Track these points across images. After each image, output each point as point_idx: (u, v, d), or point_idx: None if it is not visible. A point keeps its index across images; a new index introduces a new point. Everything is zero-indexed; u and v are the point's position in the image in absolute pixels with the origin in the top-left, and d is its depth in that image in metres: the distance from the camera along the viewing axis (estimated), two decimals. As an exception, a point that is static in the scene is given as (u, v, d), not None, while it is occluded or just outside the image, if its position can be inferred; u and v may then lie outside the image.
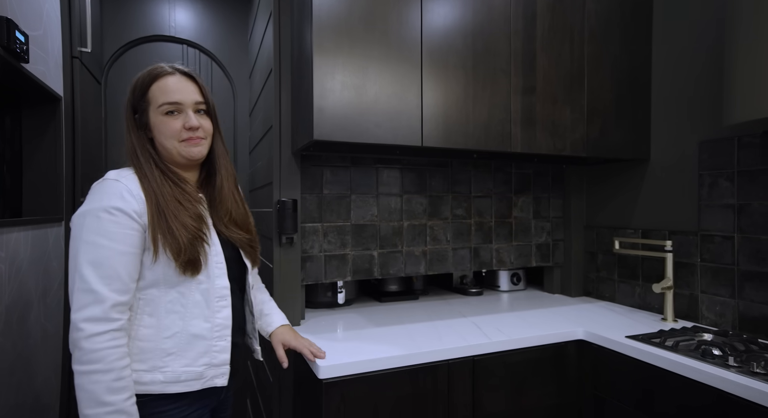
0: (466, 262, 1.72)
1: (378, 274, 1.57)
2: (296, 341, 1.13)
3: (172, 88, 0.89)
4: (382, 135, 1.25)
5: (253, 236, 1.03)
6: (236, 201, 1.00)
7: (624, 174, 1.71)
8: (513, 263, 1.80)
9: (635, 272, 1.65)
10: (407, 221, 1.62)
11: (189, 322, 0.88)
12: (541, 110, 1.45)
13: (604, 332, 1.34)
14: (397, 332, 1.35)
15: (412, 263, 1.63)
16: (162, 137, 0.89)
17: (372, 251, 1.57)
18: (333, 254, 1.52)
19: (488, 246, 1.76)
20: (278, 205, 1.39)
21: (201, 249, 0.87)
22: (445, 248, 1.68)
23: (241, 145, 2.20)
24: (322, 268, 1.50)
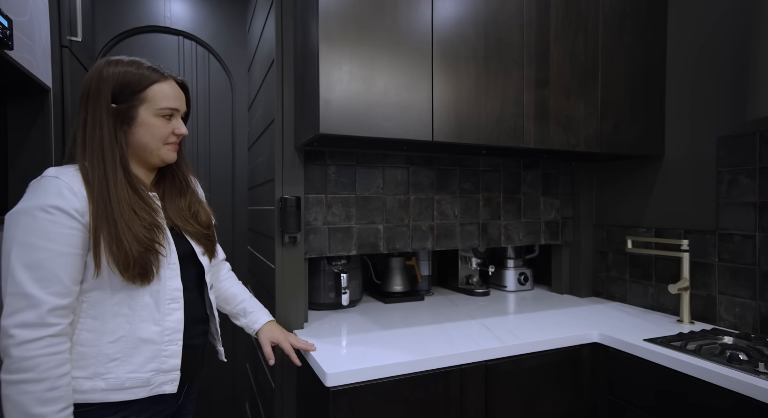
0: (474, 238, 1.66)
1: (384, 249, 1.51)
2: (286, 342, 1.11)
3: (174, 94, 0.90)
4: (392, 129, 1.19)
5: (211, 232, 0.99)
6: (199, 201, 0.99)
7: (636, 171, 1.66)
8: (522, 240, 1.74)
9: (648, 272, 1.60)
10: (414, 195, 1.57)
11: (137, 325, 0.83)
12: (554, 104, 1.39)
13: (620, 334, 1.29)
14: (405, 335, 1.29)
15: (419, 238, 1.57)
16: (148, 137, 0.87)
17: (378, 225, 1.51)
18: (337, 227, 1.45)
19: (497, 222, 1.70)
20: (280, 203, 1.32)
21: (154, 259, 0.83)
22: (453, 223, 1.63)
23: (239, 141, 2.13)
24: (326, 241, 1.44)
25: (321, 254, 1.43)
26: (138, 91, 0.86)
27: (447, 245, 1.61)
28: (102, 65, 0.86)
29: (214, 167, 2.08)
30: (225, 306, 1.12)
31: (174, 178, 0.96)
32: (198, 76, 2.03)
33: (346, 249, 1.46)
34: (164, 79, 0.89)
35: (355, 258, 1.67)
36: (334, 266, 1.61)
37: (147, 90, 0.86)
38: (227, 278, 1.14)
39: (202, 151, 2.05)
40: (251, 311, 1.12)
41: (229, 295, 1.12)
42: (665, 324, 1.40)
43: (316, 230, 1.42)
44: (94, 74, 0.86)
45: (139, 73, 0.86)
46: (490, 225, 1.69)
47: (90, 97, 0.84)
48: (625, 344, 1.24)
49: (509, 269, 1.98)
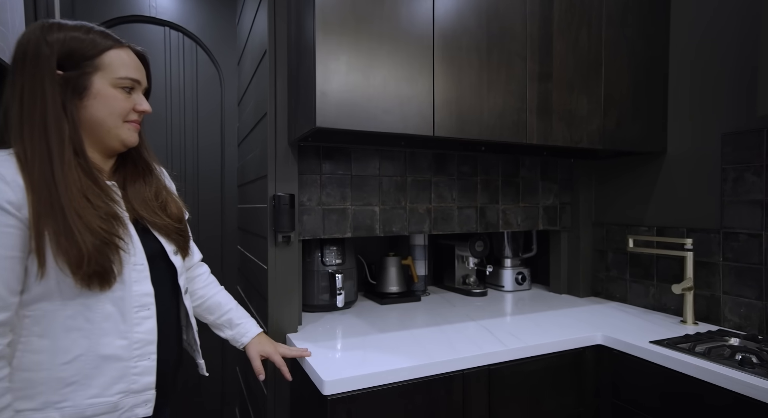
0: (471, 222, 1.62)
1: (380, 231, 1.46)
2: (277, 355, 1.02)
3: (134, 64, 0.79)
4: (391, 123, 1.13)
5: (183, 226, 0.87)
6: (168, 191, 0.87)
7: (637, 168, 1.63)
8: (520, 225, 1.70)
9: (649, 272, 1.57)
10: (411, 176, 1.51)
11: (98, 341, 0.70)
12: (557, 99, 1.35)
13: (624, 336, 1.25)
14: (403, 338, 1.23)
15: (416, 221, 1.52)
16: (105, 111, 0.74)
17: (374, 206, 1.45)
18: (332, 208, 1.40)
19: (494, 206, 1.66)
20: (273, 200, 1.26)
21: (114, 256, 0.70)
22: (450, 206, 1.58)
23: (229, 137, 2.05)
24: (320, 222, 1.38)
25: (315, 235, 1.37)
26: (91, 57, 0.72)
27: (444, 229, 1.56)
28: (40, 27, 0.71)
29: (202, 164, 2.00)
30: (207, 316, 1.02)
31: (135, 165, 0.83)
32: (185, 69, 1.95)
33: (341, 231, 1.41)
34: (120, 46, 0.77)
35: (349, 258, 1.61)
36: (329, 267, 1.55)
37: (102, 56, 0.73)
38: (208, 284, 1.03)
39: (190, 147, 1.97)
40: (238, 322, 1.02)
41: (212, 303, 1.02)
42: (669, 325, 1.37)
43: (310, 210, 1.36)
44: (30, 37, 0.70)
45: (90, 38, 0.73)
46: (488, 209, 1.64)
47: (27, 63, 0.69)
48: (630, 346, 1.21)
49: (506, 268, 1.94)
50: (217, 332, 1.04)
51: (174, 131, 1.94)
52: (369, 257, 1.90)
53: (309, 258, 1.56)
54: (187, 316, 0.89)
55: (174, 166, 1.95)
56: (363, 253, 1.88)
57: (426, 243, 1.86)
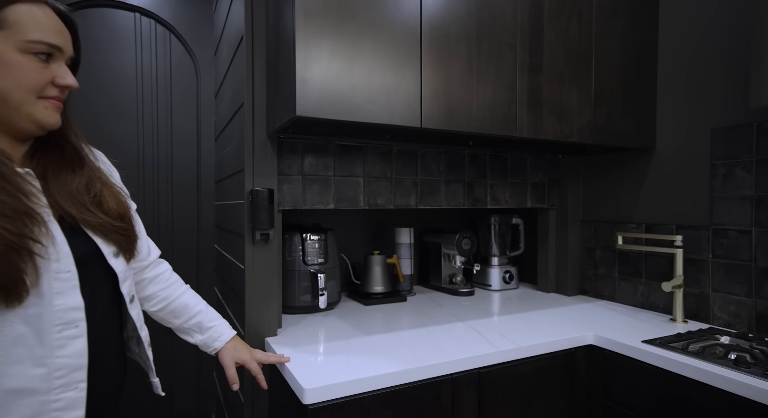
0: (459, 197, 1.56)
1: (365, 204, 1.39)
2: (253, 362, 0.94)
3: (53, 26, 0.63)
4: (376, 113, 1.07)
5: (126, 224, 0.72)
6: (105, 182, 0.72)
7: (625, 165, 1.60)
8: (508, 202, 1.66)
9: (638, 269, 1.55)
10: (396, 146, 1.45)
11: (5, 371, 0.56)
12: (547, 91, 1.31)
13: (615, 335, 1.22)
14: (389, 341, 1.17)
15: (402, 195, 1.46)
16: (11, 83, 0.59)
17: (358, 177, 1.38)
18: (314, 176, 1.32)
19: (482, 181, 1.61)
20: (251, 195, 1.18)
21: (25, 264, 0.56)
22: (437, 180, 1.52)
23: (206, 131, 1.96)
24: (300, 192, 1.30)
25: (295, 206, 1.30)
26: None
27: (431, 203, 1.51)
28: None
29: (177, 159, 1.90)
30: (173, 320, 0.92)
31: (61, 152, 0.68)
32: (158, 59, 1.84)
33: (324, 202, 1.34)
34: (37, 1, 0.62)
35: (332, 257, 1.54)
36: (311, 266, 1.48)
37: (5, 10, 0.58)
38: (171, 284, 0.93)
39: (163, 142, 1.87)
40: (209, 325, 0.93)
41: (177, 306, 0.91)
42: (658, 323, 1.35)
43: (291, 179, 1.29)
44: None
45: None
46: (475, 184, 1.59)
47: None
48: (622, 345, 1.17)
49: (493, 266, 1.90)
50: (185, 337, 0.95)
51: (146, 126, 1.83)
52: (353, 255, 1.83)
53: (290, 257, 1.48)
54: (135, 328, 0.76)
55: (146, 162, 1.85)
56: (346, 251, 1.82)
57: (411, 241, 1.80)
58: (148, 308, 0.91)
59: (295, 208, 1.29)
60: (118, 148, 1.80)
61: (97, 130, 1.76)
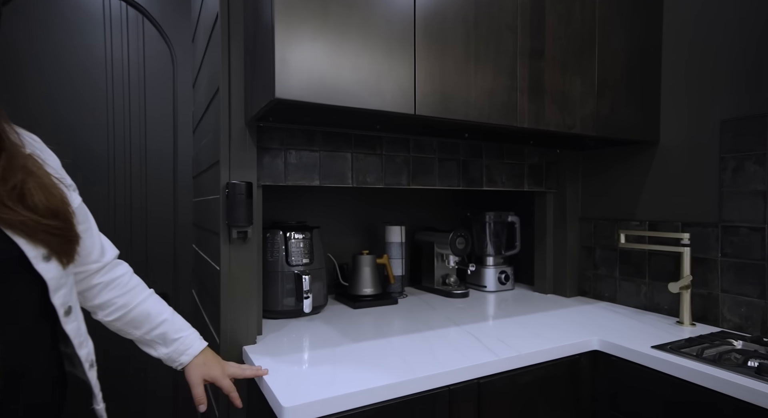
0: (453, 177, 1.46)
1: (353, 181, 1.28)
2: (225, 379, 0.83)
3: None
4: (365, 98, 0.97)
5: (61, 222, 0.61)
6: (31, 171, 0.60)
7: (627, 159, 1.53)
8: (505, 183, 1.56)
9: (640, 269, 1.48)
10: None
11: None
12: (549, 79, 1.22)
13: (621, 340, 1.14)
14: (380, 348, 1.07)
15: (393, 173, 1.35)
16: None
17: (345, 152, 1.28)
18: (297, 149, 1.21)
19: (478, 160, 1.50)
20: (227, 189, 1.07)
21: None
22: (431, 158, 1.42)
23: (183, 123, 1.83)
24: (282, 166, 1.19)
25: (276, 181, 1.18)
26: None
27: (424, 182, 1.40)
28: None
29: (151, 153, 1.77)
30: (132, 331, 0.81)
31: None
32: (129, 45, 1.71)
33: (308, 178, 1.22)
34: None
35: (318, 257, 1.44)
36: (295, 267, 1.37)
37: None
38: (131, 289, 0.81)
39: (136, 134, 1.74)
40: (176, 336, 0.82)
41: (137, 314, 0.80)
42: (665, 327, 1.27)
43: (272, 151, 1.18)
44: None
45: None
46: (471, 163, 1.49)
47: None
48: (630, 351, 1.09)
49: (488, 267, 1.81)
50: (148, 350, 0.83)
51: (116, 118, 1.70)
52: (340, 255, 1.73)
53: (272, 258, 1.37)
54: (73, 345, 0.64)
55: (117, 157, 1.72)
56: (334, 251, 1.71)
57: (403, 240, 1.71)
58: (102, 317, 0.79)
59: (276, 183, 1.18)
60: (84, 142, 1.67)
61: (61, 122, 1.62)
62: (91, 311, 0.80)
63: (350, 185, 1.28)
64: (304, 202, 1.68)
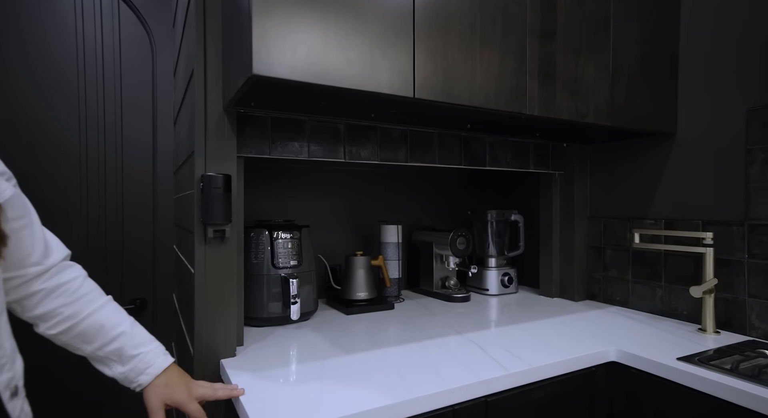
0: (455, 154, 1.34)
1: (346, 155, 1.16)
2: (192, 403, 0.71)
3: None
4: (358, 78, 0.85)
5: None
6: None
7: (640, 153, 1.42)
8: (509, 162, 1.45)
9: (656, 271, 1.37)
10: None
11: None
12: (561, 63, 1.11)
13: (641, 350, 1.03)
14: (374, 361, 0.96)
15: (390, 147, 1.23)
16: None
17: (337, 123, 1.16)
18: (283, 118, 1.09)
19: (481, 137, 1.39)
20: (201, 182, 0.95)
21: None
22: (431, 133, 1.30)
23: (163, 115, 1.71)
24: (268, 135, 1.07)
25: (260, 153, 1.06)
26: None
27: (423, 159, 1.28)
28: None
29: (128, 148, 1.64)
30: (83, 346, 0.69)
31: None
32: (103, 30, 1.59)
33: (295, 151, 1.10)
34: None
35: (308, 258, 1.32)
36: (282, 270, 1.25)
37: None
38: (83, 296, 0.69)
39: (111, 127, 1.61)
40: (134, 353, 0.70)
41: (89, 327, 0.68)
42: (686, 334, 1.16)
43: (255, 119, 1.05)
44: None
45: None
46: (473, 140, 1.37)
47: None
48: (653, 364, 0.98)
49: (491, 269, 1.70)
50: (102, 368, 0.71)
51: (89, 108, 1.57)
52: (332, 257, 1.61)
53: (256, 259, 1.25)
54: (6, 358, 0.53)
55: (90, 151, 1.59)
56: (325, 252, 1.59)
57: (399, 240, 1.59)
58: (44, 330, 0.67)
59: (260, 155, 1.06)
60: (54, 135, 1.54)
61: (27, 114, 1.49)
62: (32, 323, 0.68)
63: (342, 160, 1.15)
64: (294, 200, 1.56)
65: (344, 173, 1.64)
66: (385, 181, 1.73)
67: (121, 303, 1.73)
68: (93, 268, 1.57)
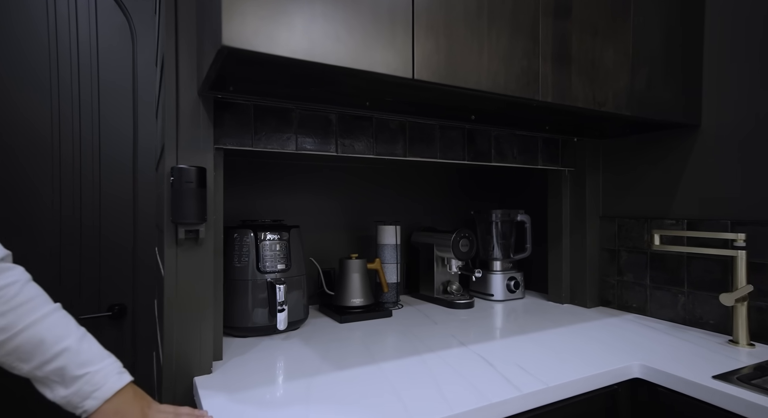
0: (457, 148, 1.23)
1: (338, 148, 1.05)
2: None
3: None
4: (345, 55, 0.74)
5: None
6: None
7: (660, 147, 1.31)
8: (516, 158, 1.33)
9: (678, 276, 1.25)
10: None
11: None
12: (577, 44, 1.00)
13: (668, 365, 0.91)
14: (369, 378, 0.84)
15: (386, 140, 1.11)
16: None
17: (329, 113, 1.04)
18: (267, 105, 0.97)
19: (487, 130, 1.27)
20: (172, 175, 0.84)
21: None
22: (431, 126, 1.19)
23: (144, 108, 1.60)
24: (251, 125, 0.95)
25: (242, 144, 0.94)
26: None
27: (422, 153, 1.17)
28: None
29: (106, 143, 1.53)
30: (19, 365, 0.57)
31: None
32: (78, 19, 1.48)
33: (281, 144, 0.99)
34: None
35: (297, 261, 1.20)
36: (268, 274, 1.14)
37: None
38: (21, 304, 0.57)
39: (87, 121, 1.50)
40: (79, 373, 0.59)
41: (26, 341, 0.57)
42: (716, 347, 1.05)
43: (236, 107, 0.94)
44: None
45: None
46: (477, 134, 1.26)
47: None
48: (684, 382, 0.86)
49: (496, 272, 1.59)
50: (44, 390, 0.59)
51: (62, 101, 1.46)
52: (325, 259, 1.50)
53: (239, 263, 1.14)
54: None
55: (63, 147, 1.47)
56: (318, 255, 1.48)
57: (398, 242, 1.48)
58: None
59: (241, 147, 0.94)
60: (25, 129, 1.42)
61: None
62: None
63: (334, 154, 1.04)
64: (284, 198, 1.44)
65: (338, 170, 1.53)
66: (383, 178, 1.61)
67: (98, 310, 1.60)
68: (66, 271, 1.45)
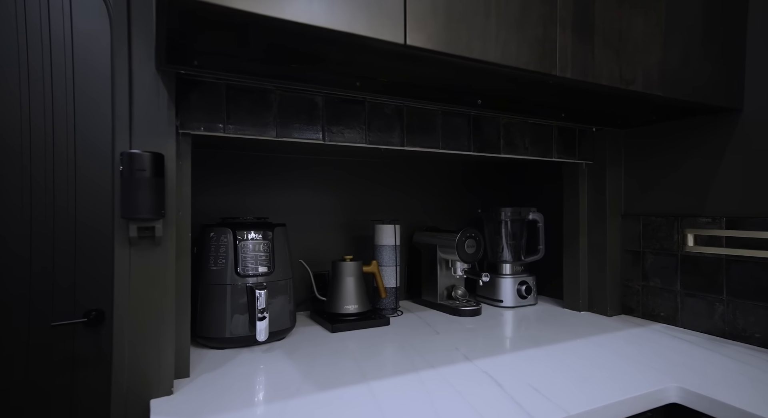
0: (462, 137, 1.08)
1: (325, 136, 0.91)
2: None
3: None
4: (319, 11, 0.60)
5: None
6: None
7: (692, 136, 1.16)
8: (528, 149, 1.18)
9: (715, 282, 1.10)
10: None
11: None
12: (601, 10, 0.86)
13: (713, 389, 0.77)
14: (356, 403, 0.71)
15: (381, 127, 0.97)
16: None
17: (315, 94, 0.90)
18: (241, 85, 0.84)
19: (495, 116, 1.12)
20: (121, 163, 0.71)
21: None
22: (433, 111, 1.04)
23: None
24: (222, 108, 0.82)
25: (211, 129, 0.81)
26: None
27: (422, 143, 1.03)
28: None
29: (82, 134, 1.42)
30: None
31: None
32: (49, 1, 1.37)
33: (259, 129, 0.85)
34: None
35: (282, 263, 1.08)
36: (248, 278, 1.01)
37: None
38: None
39: (60, 111, 1.39)
40: None
41: None
42: (766, 366, 0.90)
43: (205, 86, 0.81)
44: None
45: None
46: (484, 120, 1.11)
47: None
48: (732, 411, 0.71)
49: (505, 276, 1.44)
50: None
51: (34, 91, 1.35)
52: (317, 262, 1.37)
53: (215, 265, 1.01)
54: None
55: (34, 138, 1.36)
56: (308, 256, 1.35)
57: (397, 242, 1.34)
58: None
59: (211, 133, 0.81)
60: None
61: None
62: None
63: (320, 142, 0.91)
64: (270, 194, 1.32)
65: (332, 163, 1.40)
66: (380, 171, 1.48)
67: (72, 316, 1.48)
68: (38, 273, 1.34)
